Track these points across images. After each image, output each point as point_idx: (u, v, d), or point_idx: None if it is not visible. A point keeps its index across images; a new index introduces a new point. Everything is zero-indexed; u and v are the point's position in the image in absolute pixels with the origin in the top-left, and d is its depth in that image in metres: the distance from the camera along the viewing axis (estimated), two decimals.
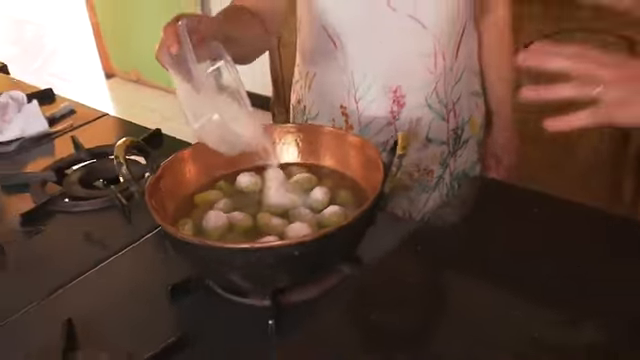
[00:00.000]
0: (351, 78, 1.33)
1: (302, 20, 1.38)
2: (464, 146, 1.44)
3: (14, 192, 1.25)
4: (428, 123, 1.37)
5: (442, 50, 1.30)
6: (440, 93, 1.35)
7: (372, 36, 1.30)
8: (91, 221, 1.15)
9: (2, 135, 1.39)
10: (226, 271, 0.91)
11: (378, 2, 1.25)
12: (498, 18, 1.42)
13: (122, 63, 3.98)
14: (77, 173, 1.29)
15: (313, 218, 1.00)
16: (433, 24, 1.27)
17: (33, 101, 1.47)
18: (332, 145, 1.14)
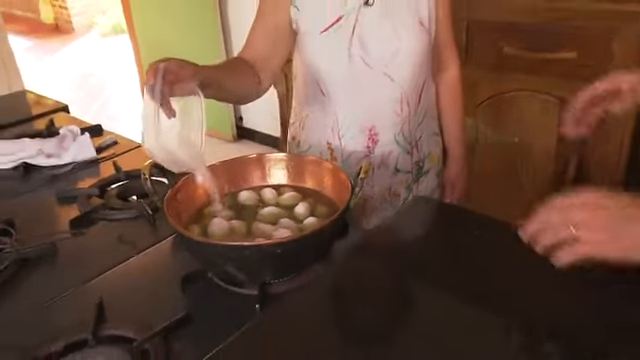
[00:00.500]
0: (335, 120, 1.36)
1: (297, 74, 1.40)
2: (425, 175, 1.46)
3: (67, 203, 1.28)
4: (396, 156, 1.38)
5: (407, 99, 1.33)
6: (406, 133, 1.37)
7: (353, 87, 1.32)
8: (124, 226, 1.18)
9: (60, 159, 1.44)
10: (224, 264, 0.94)
11: (357, 62, 1.28)
12: (451, 76, 1.46)
13: None
14: (115, 190, 1.32)
15: (296, 226, 1.03)
16: (400, 79, 1.30)
17: (85, 134, 1.52)
18: (313, 171, 1.16)
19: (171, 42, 3.68)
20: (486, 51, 2.10)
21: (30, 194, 1.35)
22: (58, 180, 1.40)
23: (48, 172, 1.43)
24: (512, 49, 2.04)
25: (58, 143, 1.48)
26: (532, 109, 2.06)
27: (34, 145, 1.46)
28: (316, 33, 1.27)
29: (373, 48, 1.27)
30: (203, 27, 3.46)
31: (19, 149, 1.45)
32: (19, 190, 1.36)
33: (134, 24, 3.90)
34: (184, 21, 3.55)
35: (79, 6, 6.73)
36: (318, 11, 1.27)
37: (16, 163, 1.42)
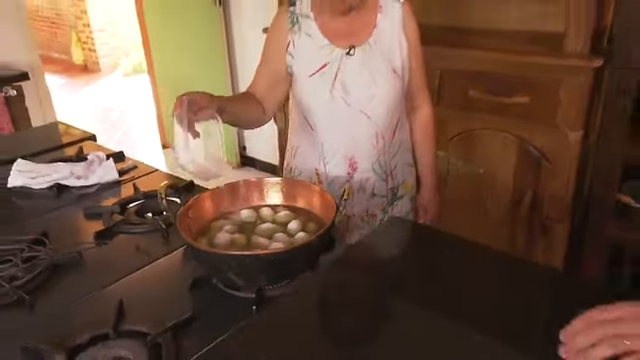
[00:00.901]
0: (321, 150, 1.37)
1: (292, 110, 1.43)
2: (399, 200, 1.46)
3: (93, 218, 1.28)
4: (373, 183, 1.39)
5: (382, 134, 1.35)
6: (381, 162, 1.38)
7: (335, 123, 1.34)
8: (141, 239, 1.20)
9: (88, 180, 1.45)
10: (227, 271, 0.95)
11: (339, 102, 1.30)
12: (423, 115, 1.47)
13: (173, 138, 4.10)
14: (134, 208, 1.32)
15: (288, 240, 1.05)
16: (376, 117, 1.32)
17: (110, 159, 1.53)
18: (303, 193, 1.17)
19: (185, 80, 3.72)
20: (455, 94, 2.12)
21: (62, 210, 1.36)
22: (85, 198, 1.41)
23: (77, 192, 1.44)
24: (476, 93, 2.06)
25: (87, 167, 1.50)
26: (494, 145, 2.08)
27: (66, 168, 1.48)
28: (305, 76, 1.31)
29: (353, 91, 1.29)
30: (213, 67, 3.51)
31: (53, 171, 1.47)
32: (53, 206, 1.37)
33: (154, 64, 3.95)
34: (196, 62, 3.61)
35: (106, 49, 6.82)
36: (308, 59, 1.30)
37: (50, 183, 1.44)
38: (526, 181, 2.05)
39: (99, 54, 6.80)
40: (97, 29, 6.69)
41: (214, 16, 3.31)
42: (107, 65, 6.84)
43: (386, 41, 1.31)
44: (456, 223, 1.97)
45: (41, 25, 7.18)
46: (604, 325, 0.69)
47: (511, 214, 2.12)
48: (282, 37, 1.32)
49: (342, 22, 1.29)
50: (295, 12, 1.31)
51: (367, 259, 1.06)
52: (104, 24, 6.73)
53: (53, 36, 7.25)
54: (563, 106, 1.88)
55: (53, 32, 7.28)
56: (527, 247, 2.13)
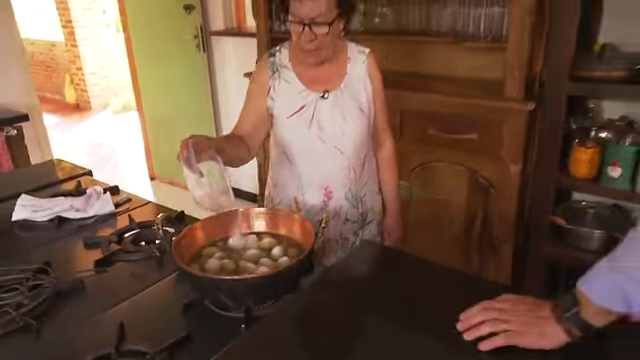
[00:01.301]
0: (300, 181, 1.37)
1: (272, 147, 1.43)
2: (369, 224, 1.47)
3: (92, 248, 1.26)
4: (346, 210, 1.40)
5: (352, 166, 1.36)
6: (353, 191, 1.39)
7: (312, 157, 1.35)
8: (137, 266, 1.18)
9: (86, 213, 1.43)
10: (218, 293, 0.96)
11: (315, 139, 1.32)
12: (387, 151, 1.49)
13: (161, 171, 4.02)
14: (130, 237, 1.30)
15: (273, 264, 1.04)
16: (347, 152, 1.34)
17: (107, 193, 1.52)
18: (285, 221, 1.17)
19: (172, 118, 3.70)
20: (415, 131, 2.14)
21: (63, 240, 1.33)
22: (84, 229, 1.39)
23: (76, 223, 1.42)
24: (433, 130, 2.08)
25: (85, 200, 1.47)
26: (449, 175, 2.11)
27: (67, 202, 1.46)
28: (285, 117, 1.32)
29: (327, 129, 1.31)
30: (198, 108, 3.49)
31: (55, 205, 1.45)
32: (54, 237, 1.35)
33: (142, 103, 3.90)
34: (182, 102, 3.59)
35: (97, 90, 6.74)
36: (287, 102, 1.32)
37: (52, 216, 1.42)
38: (476, 207, 2.08)
39: (90, 94, 6.70)
40: (89, 72, 6.62)
41: (199, 62, 3.32)
42: (98, 104, 6.74)
43: (354, 86, 1.34)
44: (418, 244, 2.02)
45: (36, 69, 7.06)
46: (490, 311, 0.82)
47: (465, 236, 2.14)
48: (264, 83, 1.33)
49: (317, 71, 1.32)
50: (275, 62, 1.34)
51: (342, 280, 1.06)
52: (96, 67, 6.67)
53: (47, 78, 7.14)
54: (505, 142, 1.93)
55: (48, 75, 7.16)
56: (480, 265, 2.13)
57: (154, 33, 3.51)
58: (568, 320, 0.75)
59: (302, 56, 1.29)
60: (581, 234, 1.90)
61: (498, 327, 0.79)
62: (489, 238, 2.08)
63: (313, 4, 1.15)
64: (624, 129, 1.79)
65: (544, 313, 0.78)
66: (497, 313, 0.81)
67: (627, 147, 1.73)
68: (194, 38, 3.24)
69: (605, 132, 1.80)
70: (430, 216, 2.20)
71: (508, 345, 0.77)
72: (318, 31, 1.18)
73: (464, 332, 0.81)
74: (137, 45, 3.70)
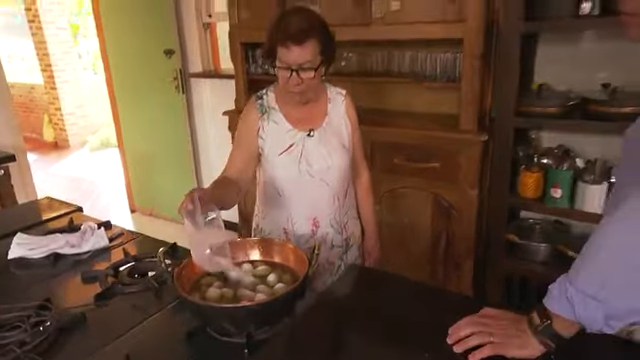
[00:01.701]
0: (289, 213, 1.36)
1: (261, 181, 1.41)
2: (351, 248, 1.46)
3: (89, 282, 1.21)
4: (332, 236, 1.39)
5: (337, 197, 1.37)
6: (337, 219, 1.39)
7: (300, 190, 1.34)
8: (136, 298, 1.13)
9: (81, 248, 1.37)
10: (222, 321, 0.94)
11: (304, 173, 1.31)
12: (364, 180, 1.51)
13: (142, 203, 3.89)
14: (126, 270, 1.25)
15: (270, 291, 1.02)
16: (333, 184, 1.34)
17: (101, 228, 1.46)
18: (279, 250, 1.15)
19: (152, 153, 3.61)
20: (384, 161, 2.14)
21: (60, 276, 1.27)
22: (80, 265, 1.32)
23: (72, 259, 1.34)
24: (400, 160, 2.11)
25: (80, 236, 1.41)
26: (415, 200, 2.13)
27: (62, 238, 1.39)
28: (275, 155, 1.31)
29: (314, 164, 1.31)
30: (178, 145, 3.42)
31: (50, 242, 1.38)
32: (51, 274, 1.28)
33: (123, 140, 3.79)
34: (162, 140, 3.51)
35: (75, 128, 6.51)
36: (277, 141, 1.31)
37: (48, 253, 1.34)
38: (440, 227, 2.10)
39: (69, 133, 6.46)
40: (68, 112, 6.39)
41: (178, 101, 3.27)
42: (76, 142, 6.50)
43: (335, 124, 1.36)
44: (389, 262, 1.99)
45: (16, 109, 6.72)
46: (476, 324, 0.84)
47: (430, 253, 2.16)
48: (253, 123, 1.32)
49: (302, 112, 1.33)
50: (263, 104, 1.33)
51: (335, 304, 1.05)
52: (74, 107, 6.45)
53: (25, 118, 6.84)
54: (463, 169, 1.98)
55: (26, 115, 6.87)
56: (444, 279, 2.15)
57: (135, 75, 3.45)
58: (542, 333, 0.78)
59: (288, 97, 1.29)
60: (531, 248, 1.98)
61: (485, 339, 0.81)
62: (452, 255, 2.11)
63: (301, 52, 1.16)
64: (562, 156, 1.88)
65: (523, 326, 0.81)
66: (482, 326, 0.83)
67: (565, 172, 1.82)
68: (174, 80, 3.20)
69: (546, 159, 1.89)
70: (399, 237, 2.20)
71: (493, 355, 0.79)
72: (305, 76, 1.19)
73: (454, 344, 0.82)
74: (118, 86, 3.62)
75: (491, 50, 1.95)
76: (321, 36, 1.19)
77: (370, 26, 2.04)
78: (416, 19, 1.95)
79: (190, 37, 3.18)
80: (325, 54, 1.21)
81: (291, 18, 1.17)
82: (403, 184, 2.13)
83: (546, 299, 0.79)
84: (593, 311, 0.73)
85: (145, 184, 3.77)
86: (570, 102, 1.79)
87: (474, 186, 1.97)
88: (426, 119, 2.20)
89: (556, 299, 0.77)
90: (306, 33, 1.15)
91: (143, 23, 3.21)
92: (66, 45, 6.22)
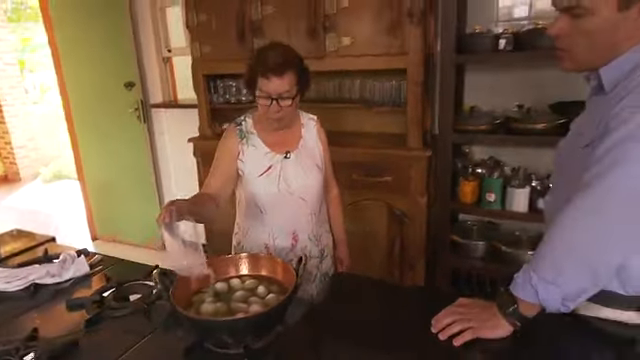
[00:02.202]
0: (270, 229, 1.34)
1: (241, 200, 1.38)
2: (325, 258, 1.45)
3: (75, 309, 1.11)
4: (310, 248, 1.38)
5: (313, 212, 1.37)
6: (314, 232, 1.39)
7: (280, 207, 1.32)
8: (126, 320, 1.06)
9: (61, 277, 1.26)
10: (221, 334, 0.90)
11: (284, 192, 1.30)
12: (334, 195, 1.52)
13: (104, 231, 3.61)
14: (111, 295, 1.16)
15: (262, 302, 0.99)
16: (310, 200, 1.34)
17: (82, 256, 1.36)
18: (266, 264, 1.13)
19: (114, 182, 3.39)
20: (343, 177, 2.03)
21: (44, 306, 1.15)
22: (62, 294, 1.21)
23: (52, 288, 1.23)
24: (357, 176, 2.13)
25: (61, 265, 1.29)
26: (372, 211, 2.15)
27: (42, 269, 1.27)
28: (256, 176, 1.30)
29: (292, 183, 1.31)
30: (140, 173, 3.25)
31: (29, 273, 1.25)
32: (33, 305, 1.16)
33: (83, 170, 3.53)
34: (124, 168, 3.31)
35: (27, 161, 5.96)
36: (256, 163, 1.30)
37: (27, 284, 1.22)
38: (395, 233, 2.13)
39: (20, 166, 5.91)
40: (18, 146, 5.86)
41: (139, 131, 3.12)
42: (27, 174, 5.96)
43: (309, 146, 1.37)
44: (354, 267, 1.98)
45: None
46: (455, 314, 0.88)
47: (388, 257, 2.18)
48: (233, 147, 1.30)
49: (277, 136, 1.32)
50: (242, 129, 1.32)
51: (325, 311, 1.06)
52: (25, 141, 5.92)
53: None
54: (413, 181, 2.03)
55: None
56: (400, 280, 2.17)
57: (95, 107, 3.25)
58: (511, 315, 0.84)
59: (267, 124, 1.29)
60: (471, 246, 2.07)
61: (465, 325, 0.85)
62: (406, 257, 2.14)
63: (280, 83, 1.17)
64: (493, 166, 2.01)
65: (493, 311, 0.85)
66: (460, 315, 0.87)
67: (496, 180, 1.95)
68: (135, 110, 3.06)
69: (480, 169, 2.02)
70: (360, 244, 2.16)
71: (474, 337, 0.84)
72: (283, 104, 1.20)
73: (439, 333, 0.86)
74: (78, 118, 3.38)
75: (428, 79, 2.04)
76: (297, 68, 1.20)
77: (324, 59, 2.08)
78: (365, 52, 2.01)
79: (150, 70, 3.07)
80: (301, 84, 1.23)
81: (271, 52, 1.18)
82: (362, 197, 2.15)
83: (512, 286, 0.84)
84: (552, 294, 0.79)
85: (107, 212, 3.54)
86: (496, 120, 1.92)
87: (423, 195, 2.03)
88: (376, 139, 2.24)
89: (521, 286, 0.83)
90: (285, 66, 1.17)
91: (102, 57, 3.06)
92: (14, 80, 5.75)
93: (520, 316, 0.83)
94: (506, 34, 1.82)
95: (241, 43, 2.25)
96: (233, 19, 2.24)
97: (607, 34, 0.78)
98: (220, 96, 2.57)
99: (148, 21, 2.94)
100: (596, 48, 0.81)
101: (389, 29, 1.94)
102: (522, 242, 2.00)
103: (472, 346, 0.83)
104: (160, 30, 2.98)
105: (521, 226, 2.07)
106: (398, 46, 1.95)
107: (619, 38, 0.79)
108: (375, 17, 1.96)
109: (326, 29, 2.05)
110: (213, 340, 0.93)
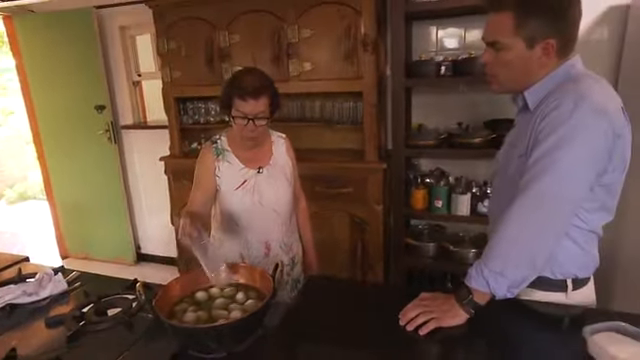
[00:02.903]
0: (245, 239, 1.33)
1: (217, 214, 1.36)
2: (296, 265, 1.44)
3: (54, 326, 1.04)
4: (281, 257, 1.37)
5: (284, 222, 1.36)
6: (284, 241, 1.38)
7: (254, 219, 1.30)
8: (108, 334, 1.01)
9: (38, 296, 1.17)
10: (206, 340, 0.87)
11: (257, 205, 1.29)
12: (302, 206, 1.50)
13: (75, 249, 3.39)
14: (92, 309, 1.10)
15: (242, 308, 0.98)
16: (281, 212, 1.34)
17: (59, 274, 1.27)
18: (245, 272, 1.10)
19: (84, 201, 3.21)
20: (308, 189, 1.97)
21: (21, 325, 1.07)
22: (39, 312, 1.13)
23: (29, 307, 1.14)
24: (320, 188, 2.14)
25: (38, 284, 1.21)
26: (335, 219, 2.17)
27: (18, 289, 1.18)
28: (232, 190, 1.29)
29: (265, 197, 1.31)
30: (111, 193, 3.10)
31: (5, 294, 1.16)
32: (9, 325, 1.07)
33: (52, 189, 3.31)
34: (95, 188, 3.14)
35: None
36: (232, 178, 1.29)
37: (2, 304, 1.13)
38: (356, 239, 2.16)
39: None
40: None
41: (110, 151, 2.99)
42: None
43: (280, 162, 1.37)
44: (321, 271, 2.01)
45: None
46: (418, 307, 0.90)
47: (350, 261, 2.21)
48: (210, 165, 1.29)
49: (251, 153, 1.32)
50: (218, 147, 1.31)
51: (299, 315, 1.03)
52: None
53: None
54: (370, 191, 2.08)
55: None
56: (363, 279, 2.19)
57: (65, 129, 3.08)
58: (467, 304, 0.88)
59: (241, 142, 1.29)
60: (423, 247, 2.13)
61: (428, 316, 0.88)
62: (367, 259, 2.17)
63: (256, 104, 1.18)
64: (439, 176, 2.10)
65: (452, 301, 0.90)
66: (424, 307, 0.90)
67: (442, 187, 2.04)
68: (105, 132, 2.93)
69: (428, 179, 2.10)
70: (325, 250, 2.14)
71: (437, 327, 0.87)
72: (259, 123, 1.21)
73: (406, 325, 0.88)
74: (47, 140, 3.19)
75: (381, 100, 2.12)
76: (271, 91, 1.22)
77: (288, 82, 2.10)
78: (324, 77, 2.06)
79: (120, 94, 2.97)
80: (273, 106, 1.24)
81: (248, 77, 1.19)
82: (325, 207, 2.16)
83: (467, 279, 0.90)
84: (500, 283, 0.86)
85: (77, 230, 3.34)
86: (441, 136, 2.03)
87: (380, 203, 2.07)
88: (337, 154, 2.27)
89: (474, 278, 0.88)
90: (261, 89, 1.18)
91: (72, 82, 2.92)
92: None
93: (475, 304, 0.88)
94: (446, 62, 1.94)
95: (210, 68, 2.24)
96: (202, 46, 2.24)
97: (522, 65, 0.90)
98: (190, 117, 2.52)
99: (118, 47, 2.85)
100: (515, 75, 0.92)
101: (346, 56, 2.01)
102: (466, 242, 2.09)
103: (435, 335, 0.87)
104: (130, 56, 2.90)
105: (464, 228, 2.18)
106: (354, 71, 2.01)
107: (532, 68, 0.90)
108: (333, 46, 2.02)
109: (289, 56, 2.08)
110: (197, 346, 0.90)
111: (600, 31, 1.82)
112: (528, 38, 0.87)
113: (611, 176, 0.87)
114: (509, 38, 0.88)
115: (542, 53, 0.88)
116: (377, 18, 1.96)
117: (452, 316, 0.88)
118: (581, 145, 0.81)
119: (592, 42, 1.84)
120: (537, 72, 0.90)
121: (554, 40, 0.86)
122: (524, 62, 0.89)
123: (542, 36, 0.86)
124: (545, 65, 0.89)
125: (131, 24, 2.78)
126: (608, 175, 0.87)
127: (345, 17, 1.95)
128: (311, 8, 1.99)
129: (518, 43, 0.87)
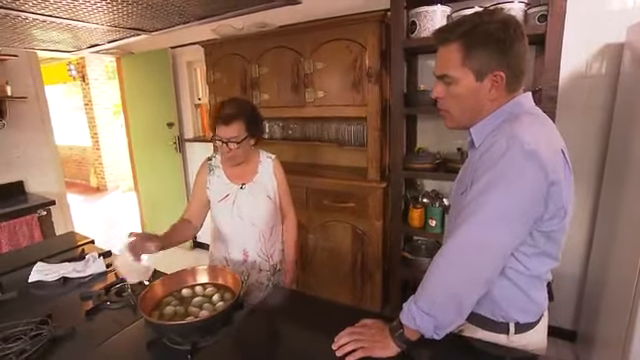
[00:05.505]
0: (226, 245, 1.33)
1: (212, 222, 1.36)
2: (278, 272, 1.40)
3: (86, 300, 1.17)
4: (259, 263, 1.34)
5: (263, 234, 1.33)
6: (264, 250, 1.34)
7: (234, 229, 1.30)
8: (117, 313, 1.09)
9: (84, 273, 1.33)
10: (170, 334, 0.93)
11: (236, 218, 1.28)
12: (289, 220, 1.42)
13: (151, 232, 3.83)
14: (115, 289, 1.21)
15: (212, 308, 1.00)
16: (259, 225, 1.31)
17: (101, 257, 1.41)
18: (221, 274, 1.12)
19: (157, 197, 3.55)
20: (316, 202, 2.13)
21: (66, 295, 1.22)
22: (83, 286, 1.27)
23: (77, 281, 1.30)
24: (327, 202, 2.11)
25: (85, 263, 1.37)
26: (339, 230, 2.12)
27: (70, 266, 1.36)
28: (216, 202, 1.28)
29: (244, 211, 1.28)
30: (176, 190, 3.38)
31: (61, 268, 1.34)
32: (60, 293, 1.23)
33: (139, 186, 3.73)
34: (165, 187, 3.46)
35: (111, 177, 6.43)
36: (218, 191, 1.29)
37: (59, 277, 1.31)
38: (357, 250, 2.10)
39: (107, 180, 6.36)
40: (107, 165, 6.34)
41: (176, 159, 3.29)
42: (112, 186, 6.40)
43: (263, 180, 1.32)
44: (323, 276, 2.01)
45: (71, 164, 6.77)
46: (352, 334, 0.83)
47: (351, 269, 2.15)
48: (203, 178, 1.31)
49: (237, 170, 1.31)
50: (212, 164, 1.32)
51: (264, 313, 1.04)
52: (112, 162, 6.41)
53: (78, 170, 6.75)
54: (371, 207, 2.00)
55: (78, 168, 6.78)
56: (362, 286, 2.14)
57: (147, 140, 3.47)
58: (398, 338, 0.81)
59: (224, 159, 1.29)
60: (419, 262, 2.00)
61: (358, 345, 0.82)
62: (366, 269, 2.11)
63: (227, 130, 1.18)
64: (435, 197, 1.97)
65: (385, 333, 0.83)
66: (357, 335, 0.84)
67: (437, 208, 1.90)
68: (173, 143, 3.24)
69: (425, 199, 1.99)
70: (329, 258, 2.19)
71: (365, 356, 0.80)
72: (232, 146, 1.20)
73: (337, 350, 0.83)
74: (136, 147, 3.62)
75: (385, 124, 2.05)
76: (245, 118, 1.19)
77: (305, 107, 2.12)
78: (334, 103, 2.04)
79: (185, 113, 3.24)
80: (249, 131, 1.21)
81: (226, 105, 1.19)
82: (330, 219, 2.14)
83: (400, 314, 0.82)
84: (427, 323, 0.77)
85: (153, 217, 3.71)
86: (437, 160, 1.90)
87: (379, 219, 2.00)
88: (345, 171, 2.23)
89: (405, 314, 0.81)
90: (233, 117, 1.17)
91: (153, 104, 3.27)
92: (108, 119, 6.23)
93: (405, 339, 0.80)
94: None
95: (243, 94, 2.36)
96: (238, 77, 2.35)
97: (471, 98, 0.80)
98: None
99: (185, 78, 3.13)
100: (466, 109, 0.82)
101: (353, 85, 1.97)
102: None
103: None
104: (193, 84, 3.15)
105: None
106: (360, 99, 1.97)
107: (483, 101, 0.80)
108: (342, 76, 2.00)
109: (305, 85, 2.10)
110: (168, 338, 0.95)
111: (597, 66, 1.63)
112: (476, 70, 0.78)
113: (549, 223, 0.76)
114: (458, 70, 0.78)
115: (492, 86, 0.78)
116: (381, 52, 1.90)
117: (382, 347, 0.81)
118: (506, 190, 0.71)
119: (590, 76, 1.66)
120: (488, 107, 0.80)
121: (502, 73, 0.77)
122: (474, 95, 0.79)
123: (490, 68, 0.77)
124: (495, 99, 0.79)
125: (195, 59, 3.03)
126: (545, 223, 0.75)
127: (352, 51, 1.93)
128: (324, 44, 1.99)
129: (467, 75, 0.78)
